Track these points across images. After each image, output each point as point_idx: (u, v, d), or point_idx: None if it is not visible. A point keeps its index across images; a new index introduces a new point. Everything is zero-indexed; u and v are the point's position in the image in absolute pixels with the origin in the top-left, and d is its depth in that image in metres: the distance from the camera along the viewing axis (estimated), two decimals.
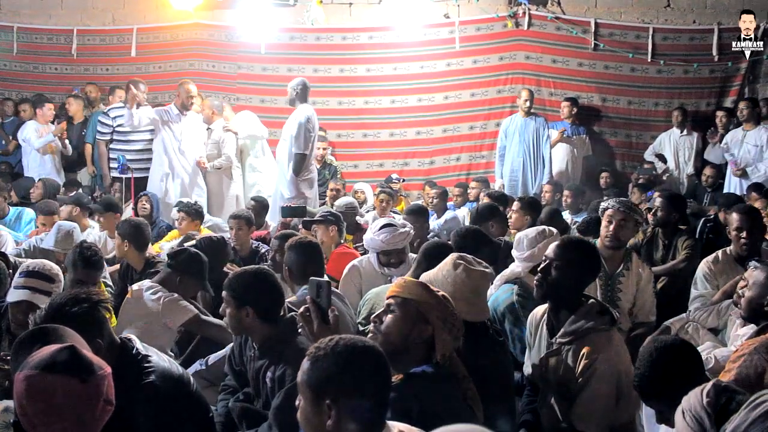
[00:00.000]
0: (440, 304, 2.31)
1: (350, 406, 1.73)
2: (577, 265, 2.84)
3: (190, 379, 2.75)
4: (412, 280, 2.37)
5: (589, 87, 8.99)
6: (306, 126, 6.72)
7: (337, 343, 1.78)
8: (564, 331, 2.79)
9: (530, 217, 5.52)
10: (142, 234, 4.78)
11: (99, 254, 4.06)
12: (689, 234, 5.13)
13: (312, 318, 2.23)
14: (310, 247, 3.70)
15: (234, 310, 2.84)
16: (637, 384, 2.34)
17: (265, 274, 2.95)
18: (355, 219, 6.29)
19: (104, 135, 8.02)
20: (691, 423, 1.84)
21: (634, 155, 8.98)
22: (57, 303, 2.49)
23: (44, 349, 1.86)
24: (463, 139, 9.22)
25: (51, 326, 2.20)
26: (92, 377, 1.81)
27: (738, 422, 1.66)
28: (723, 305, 3.68)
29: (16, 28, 9.56)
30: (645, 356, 2.33)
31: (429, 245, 3.62)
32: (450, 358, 2.32)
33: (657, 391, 2.26)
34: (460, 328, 2.34)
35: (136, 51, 9.44)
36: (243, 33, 9.22)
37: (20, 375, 1.79)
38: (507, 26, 8.99)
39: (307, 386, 1.77)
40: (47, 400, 1.75)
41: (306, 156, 6.81)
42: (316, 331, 2.23)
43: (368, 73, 9.25)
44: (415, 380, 2.21)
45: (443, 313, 2.30)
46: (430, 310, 2.29)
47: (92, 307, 2.49)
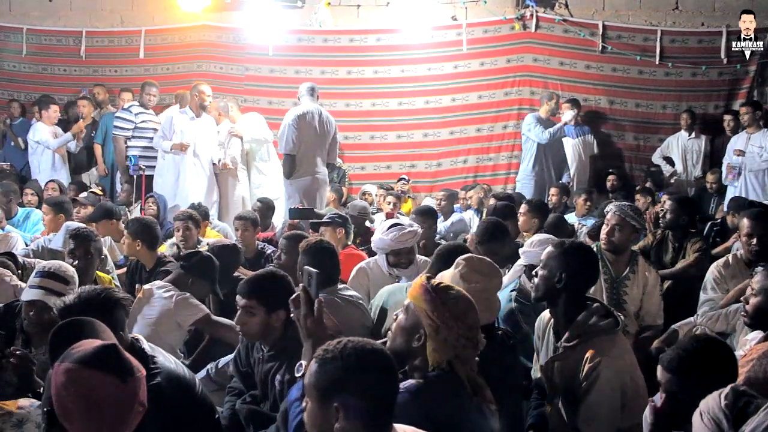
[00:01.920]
0: (438, 308, 2.21)
1: (357, 409, 1.73)
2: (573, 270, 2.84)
3: (195, 381, 2.75)
4: (418, 281, 2.34)
5: (597, 90, 8.97)
6: (291, 125, 6.46)
7: (345, 346, 1.78)
8: (568, 335, 2.78)
9: (538, 220, 5.54)
10: (152, 232, 4.83)
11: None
12: (700, 237, 5.11)
13: (302, 304, 2.24)
14: (325, 251, 3.67)
15: (264, 316, 2.83)
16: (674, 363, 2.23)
17: (284, 275, 2.98)
18: (365, 223, 6.29)
19: (125, 131, 7.76)
20: (709, 424, 1.84)
21: (642, 158, 8.95)
22: (85, 296, 2.52)
23: (85, 344, 1.86)
24: (470, 141, 9.22)
25: (86, 319, 2.22)
26: (131, 379, 1.83)
27: (756, 424, 1.67)
28: (731, 309, 3.68)
29: (25, 30, 9.63)
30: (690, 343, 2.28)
31: (443, 247, 3.61)
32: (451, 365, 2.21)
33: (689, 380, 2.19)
34: (465, 335, 2.21)
35: (144, 53, 9.49)
36: (251, 35, 9.24)
37: (61, 366, 1.79)
38: (514, 29, 8.98)
39: (315, 388, 1.77)
40: (88, 395, 1.76)
41: (293, 157, 6.50)
42: (302, 318, 2.23)
43: (375, 75, 9.25)
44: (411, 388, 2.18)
45: (441, 317, 2.20)
46: (424, 315, 2.22)
47: (116, 303, 2.52)
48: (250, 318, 2.84)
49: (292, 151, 6.49)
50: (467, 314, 2.24)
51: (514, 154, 9.02)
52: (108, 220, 5.56)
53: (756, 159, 7.50)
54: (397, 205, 7.27)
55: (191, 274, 3.88)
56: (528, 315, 3.47)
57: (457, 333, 2.20)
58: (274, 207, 6.84)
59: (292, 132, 6.46)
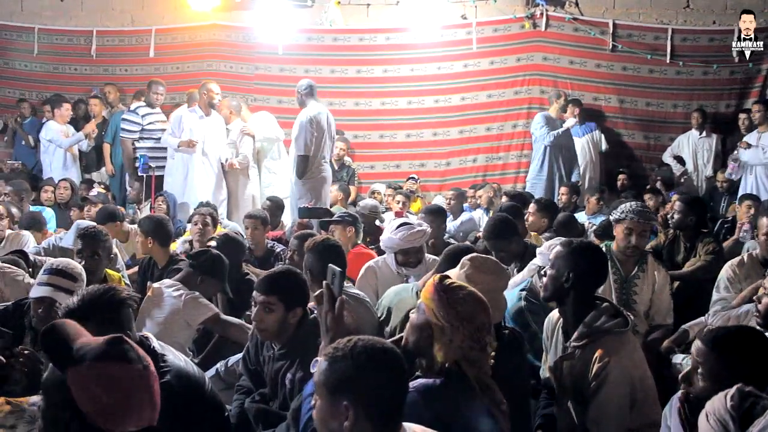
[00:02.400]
0: (445, 308, 2.21)
1: (367, 407, 1.73)
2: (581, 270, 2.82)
3: (205, 379, 2.75)
4: (431, 280, 2.34)
5: (607, 88, 8.94)
6: (307, 127, 6.52)
7: (356, 345, 1.78)
8: (577, 335, 2.77)
9: (547, 219, 5.52)
10: (164, 229, 4.86)
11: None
12: (712, 237, 5.08)
13: (324, 301, 2.24)
14: (331, 248, 3.63)
15: (282, 313, 2.83)
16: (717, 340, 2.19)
17: (301, 274, 3.00)
18: (375, 222, 6.29)
19: (132, 133, 7.77)
20: (716, 426, 1.84)
21: (652, 157, 8.92)
22: (89, 297, 2.52)
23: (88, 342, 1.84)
24: (480, 140, 9.21)
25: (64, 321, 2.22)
26: (147, 363, 1.85)
27: (762, 425, 1.67)
28: (743, 309, 3.65)
29: (36, 30, 9.70)
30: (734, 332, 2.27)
31: (451, 248, 3.60)
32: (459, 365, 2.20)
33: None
34: (472, 337, 2.20)
35: (154, 52, 9.53)
36: (261, 34, 9.27)
37: (81, 368, 1.77)
38: (524, 27, 8.97)
39: (325, 386, 1.77)
40: (118, 386, 1.76)
41: (307, 158, 6.56)
42: (323, 314, 2.24)
43: (385, 74, 9.25)
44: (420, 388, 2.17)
45: (446, 318, 2.20)
46: (431, 315, 2.23)
47: (121, 302, 2.52)
48: (268, 315, 2.83)
49: (309, 152, 6.57)
50: (475, 316, 2.23)
51: (523, 153, 9.00)
52: (112, 223, 5.58)
53: (759, 155, 7.43)
54: (406, 204, 7.26)
55: (200, 272, 3.89)
56: (537, 314, 3.46)
57: (462, 334, 2.19)
58: (283, 206, 6.86)
59: (309, 134, 6.53)
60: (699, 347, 2.19)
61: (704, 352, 2.17)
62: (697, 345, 2.21)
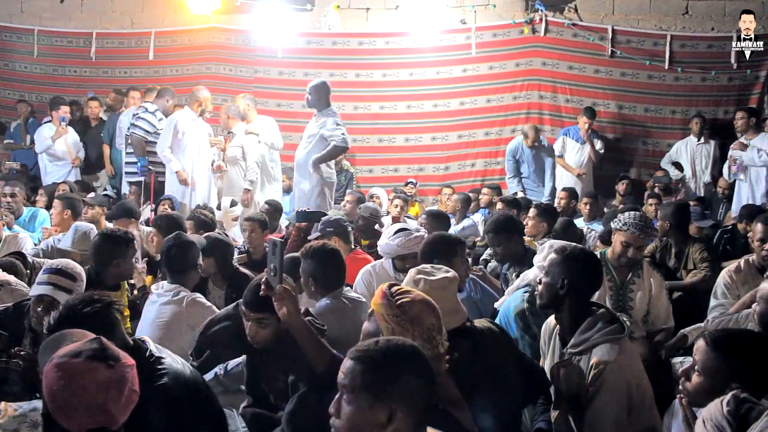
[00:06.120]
0: (393, 311, 2.24)
1: (410, 408, 1.73)
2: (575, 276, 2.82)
3: (203, 382, 2.75)
4: (380, 288, 2.34)
5: (606, 94, 8.96)
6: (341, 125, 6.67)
7: (388, 347, 1.77)
8: (574, 341, 2.77)
9: (546, 224, 5.51)
10: (180, 227, 4.87)
11: None
12: (704, 244, 5.06)
13: (273, 301, 2.32)
14: (327, 253, 3.61)
15: (276, 326, 2.80)
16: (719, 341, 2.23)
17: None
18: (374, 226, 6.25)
19: (146, 133, 7.46)
20: (713, 431, 1.85)
21: (651, 163, 8.93)
22: (70, 304, 2.52)
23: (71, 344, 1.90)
24: (479, 145, 9.23)
25: (68, 331, 2.23)
26: (118, 364, 1.86)
27: (759, 429, 1.68)
28: (742, 315, 3.64)
29: (36, 31, 9.72)
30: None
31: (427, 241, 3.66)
32: None
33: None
34: (422, 337, 2.20)
35: (153, 54, 9.55)
36: (260, 37, 9.28)
37: (49, 365, 1.84)
38: (523, 32, 8.99)
39: (366, 390, 1.73)
40: (76, 382, 1.79)
41: (345, 149, 6.89)
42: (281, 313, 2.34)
43: (384, 78, 9.27)
44: None
45: (395, 320, 2.22)
46: (381, 319, 2.26)
47: (105, 308, 2.51)
48: (262, 329, 2.82)
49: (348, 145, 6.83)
50: (422, 317, 2.25)
51: None
52: (127, 219, 5.55)
53: (755, 158, 7.38)
54: (404, 208, 7.26)
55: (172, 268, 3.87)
56: (538, 316, 3.45)
57: (412, 336, 2.20)
58: (282, 209, 6.86)
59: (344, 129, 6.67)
60: (700, 343, 2.23)
61: (704, 349, 2.20)
62: (699, 342, 2.25)
